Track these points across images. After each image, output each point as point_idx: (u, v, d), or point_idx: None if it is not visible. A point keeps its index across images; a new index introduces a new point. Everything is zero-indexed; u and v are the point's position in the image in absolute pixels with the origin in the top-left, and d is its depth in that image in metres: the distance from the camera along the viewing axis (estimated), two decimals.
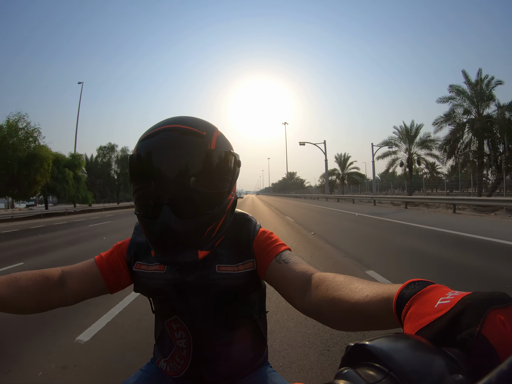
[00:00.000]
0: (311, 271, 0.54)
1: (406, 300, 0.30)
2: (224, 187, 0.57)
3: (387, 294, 0.36)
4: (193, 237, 0.55)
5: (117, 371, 1.76)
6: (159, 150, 0.53)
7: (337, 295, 0.44)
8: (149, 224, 0.55)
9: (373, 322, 0.39)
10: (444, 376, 0.19)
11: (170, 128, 0.55)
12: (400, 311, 0.30)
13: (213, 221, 0.57)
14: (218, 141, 0.57)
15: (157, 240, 0.56)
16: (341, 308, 0.43)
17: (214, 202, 0.56)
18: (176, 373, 0.68)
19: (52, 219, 16.78)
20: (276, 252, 0.61)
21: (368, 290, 0.40)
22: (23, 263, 4.93)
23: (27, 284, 0.56)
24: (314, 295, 0.49)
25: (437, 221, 8.56)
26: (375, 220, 9.58)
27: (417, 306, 0.28)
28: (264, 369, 0.72)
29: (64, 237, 8.41)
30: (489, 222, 8.04)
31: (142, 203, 0.57)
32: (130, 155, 0.57)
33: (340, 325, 0.47)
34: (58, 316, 2.44)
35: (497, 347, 0.20)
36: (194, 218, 0.54)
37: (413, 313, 0.28)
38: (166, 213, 0.52)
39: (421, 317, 0.26)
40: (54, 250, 6.12)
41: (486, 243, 5.04)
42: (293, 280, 0.55)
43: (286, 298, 0.57)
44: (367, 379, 0.21)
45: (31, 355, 1.98)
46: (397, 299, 0.31)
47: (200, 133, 0.55)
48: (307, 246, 5.55)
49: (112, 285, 0.66)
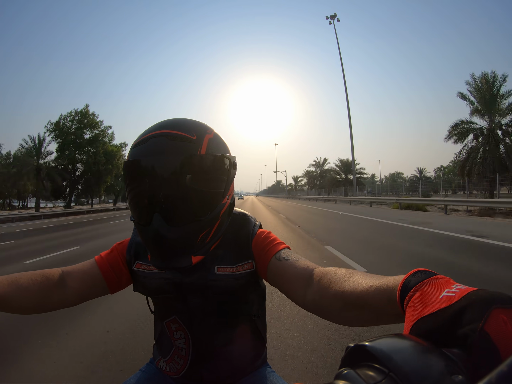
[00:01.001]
0: (313, 267, 0.54)
1: (412, 287, 0.30)
2: (217, 192, 0.57)
3: (392, 283, 0.35)
4: (185, 243, 0.55)
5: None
6: (147, 158, 0.53)
7: (339, 287, 0.44)
8: (142, 230, 0.56)
9: (376, 314, 0.39)
10: (443, 377, 0.19)
11: (159, 134, 0.54)
12: (404, 298, 0.30)
13: (206, 226, 0.56)
14: (210, 144, 0.56)
15: (151, 246, 0.56)
16: (344, 301, 0.43)
17: (206, 208, 0.56)
18: (176, 373, 0.68)
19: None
20: (275, 250, 0.61)
21: (372, 281, 0.39)
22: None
23: (27, 284, 0.56)
24: (316, 289, 0.49)
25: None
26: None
27: (421, 294, 0.28)
28: (263, 369, 0.72)
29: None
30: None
31: (134, 210, 0.58)
32: (124, 162, 0.57)
33: (343, 319, 0.46)
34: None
35: (499, 345, 0.20)
36: (186, 225, 0.54)
37: (417, 300, 0.28)
38: (157, 221, 0.52)
39: (425, 305, 0.26)
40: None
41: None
42: (294, 277, 0.54)
43: (288, 295, 0.57)
44: (367, 380, 0.21)
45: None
46: (403, 285, 0.31)
47: (189, 138, 0.54)
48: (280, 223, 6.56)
49: (112, 285, 0.66)
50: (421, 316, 0.25)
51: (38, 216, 18.99)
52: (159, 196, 0.53)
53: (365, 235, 6.58)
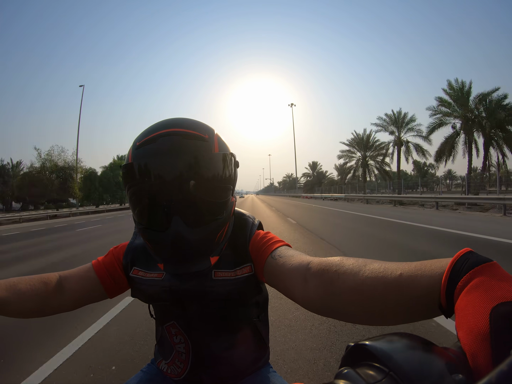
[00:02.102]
0: (308, 259, 0.48)
1: (472, 266, 0.27)
2: (229, 191, 0.57)
3: (433, 267, 0.31)
4: (206, 245, 0.55)
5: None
6: (162, 158, 0.49)
7: (354, 280, 0.38)
8: (157, 236, 0.53)
9: (409, 308, 0.33)
10: (444, 376, 0.19)
11: (171, 132, 0.51)
12: (455, 283, 0.27)
13: (222, 226, 0.56)
14: (220, 143, 0.56)
15: (167, 252, 0.54)
16: (362, 295, 0.37)
17: (222, 206, 0.56)
18: (177, 375, 0.68)
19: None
20: (270, 249, 0.57)
21: (401, 268, 0.34)
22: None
23: (25, 288, 0.55)
24: (317, 285, 0.43)
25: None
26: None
27: (488, 277, 0.25)
28: (265, 370, 0.71)
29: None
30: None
31: (148, 216, 0.54)
32: (125, 165, 0.53)
33: (360, 318, 0.39)
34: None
35: None
36: (205, 226, 0.53)
37: (483, 282, 0.25)
38: (177, 224, 0.50)
39: (499, 290, 0.24)
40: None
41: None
42: (290, 274, 0.49)
43: (287, 294, 0.53)
44: (367, 379, 0.21)
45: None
46: (453, 268, 0.28)
47: (203, 137, 0.53)
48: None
49: (110, 289, 0.65)
50: (502, 301, 0.23)
51: (101, 210, 27.81)
52: (179, 198, 0.50)
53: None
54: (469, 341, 0.23)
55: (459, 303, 0.26)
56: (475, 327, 0.23)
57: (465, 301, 0.25)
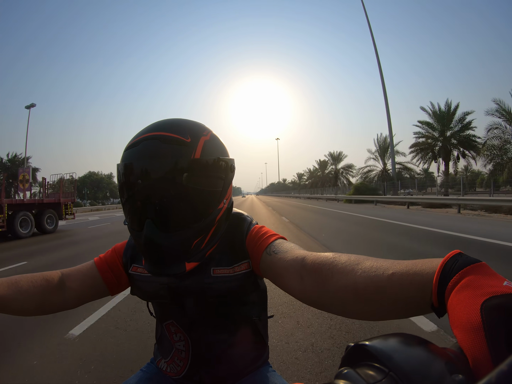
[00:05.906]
0: (302, 255, 0.49)
1: (461, 267, 0.28)
2: (212, 198, 0.55)
3: (423, 267, 0.32)
4: (178, 250, 0.53)
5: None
6: (139, 162, 0.50)
7: (347, 278, 0.40)
8: (136, 235, 0.54)
9: (398, 306, 0.35)
10: (444, 376, 0.19)
11: (152, 136, 0.51)
12: (446, 283, 0.28)
13: (201, 233, 0.54)
14: (206, 147, 0.53)
15: (144, 252, 0.55)
16: (356, 293, 0.38)
17: (200, 214, 0.53)
18: (176, 374, 0.68)
19: None
20: (265, 244, 0.57)
21: (393, 268, 0.36)
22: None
23: (27, 286, 0.55)
24: (313, 282, 0.45)
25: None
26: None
27: (477, 276, 0.26)
28: (264, 369, 0.71)
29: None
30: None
31: (127, 215, 0.56)
32: (117, 164, 0.55)
33: (354, 313, 0.41)
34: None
35: None
36: (179, 232, 0.52)
37: (473, 281, 0.26)
38: (149, 228, 0.51)
39: (488, 287, 0.24)
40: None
41: None
42: (285, 270, 0.50)
43: (285, 289, 0.53)
44: (367, 379, 0.21)
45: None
46: (443, 268, 0.29)
47: (183, 141, 0.51)
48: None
49: (112, 286, 0.65)
50: (489, 296, 0.24)
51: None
52: (150, 201, 0.51)
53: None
54: (463, 336, 0.23)
55: (451, 302, 0.27)
56: (467, 322, 0.23)
57: (456, 300, 0.26)
